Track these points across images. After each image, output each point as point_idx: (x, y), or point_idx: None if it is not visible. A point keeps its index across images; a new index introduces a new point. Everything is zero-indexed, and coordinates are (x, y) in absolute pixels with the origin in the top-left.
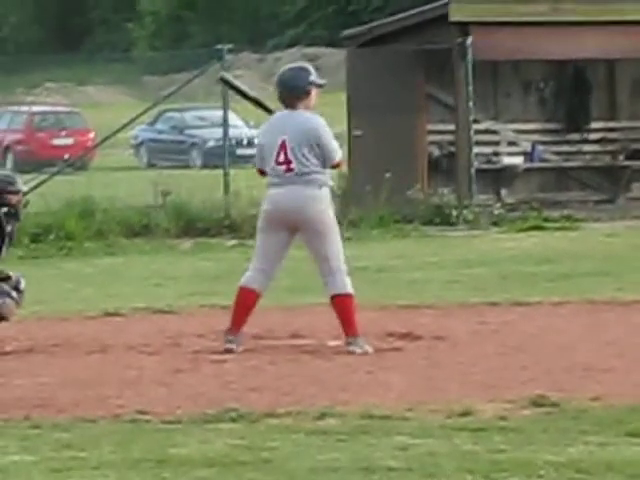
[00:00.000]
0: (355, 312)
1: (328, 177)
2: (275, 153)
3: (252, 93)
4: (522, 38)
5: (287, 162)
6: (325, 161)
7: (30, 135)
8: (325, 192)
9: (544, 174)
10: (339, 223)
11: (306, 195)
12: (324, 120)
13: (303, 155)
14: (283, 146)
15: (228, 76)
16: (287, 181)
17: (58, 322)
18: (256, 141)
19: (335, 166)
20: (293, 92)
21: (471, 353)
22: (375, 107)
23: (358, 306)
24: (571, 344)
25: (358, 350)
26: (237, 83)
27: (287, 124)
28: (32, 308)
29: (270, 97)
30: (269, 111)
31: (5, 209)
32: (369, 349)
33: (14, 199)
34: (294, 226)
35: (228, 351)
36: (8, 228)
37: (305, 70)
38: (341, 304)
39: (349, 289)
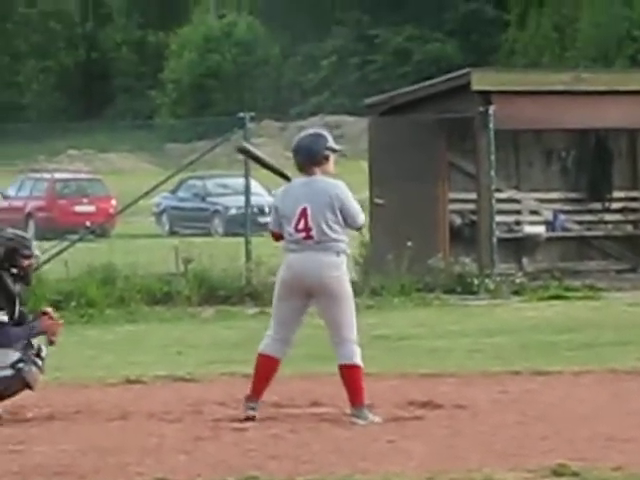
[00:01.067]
0: (362, 383)
1: (346, 245)
2: (295, 220)
3: (271, 161)
4: (544, 107)
5: (307, 230)
6: (348, 224)
7: (52, 202)
8: (342, 260)
9: (566, 243)
10: (361, 291)
11: (323, 261)
12: (344, 184)
13: (325, 222)
14: (304, 214)
15: (247, 146)
16: (305, 247)
17: (79, 389)
18: (272, 204)
19: (359, 228)
20: (311, 158)
21: (492, 422)
22: (397, 175)
23: (379, 374)
24: (592, 414)
25: (361, 422)
26: (257, 152)
27: (308, 192)
28: (53, 374)
29: (293, 166)
30: (288, 179)
31: (15, 270)
32: (375, 419)
33: (25, 262)
34: (310, 292)
35: (250, 418)
36: (16, 288)
37: (322, 136)
38: (348, 374)
39: (357, 360)
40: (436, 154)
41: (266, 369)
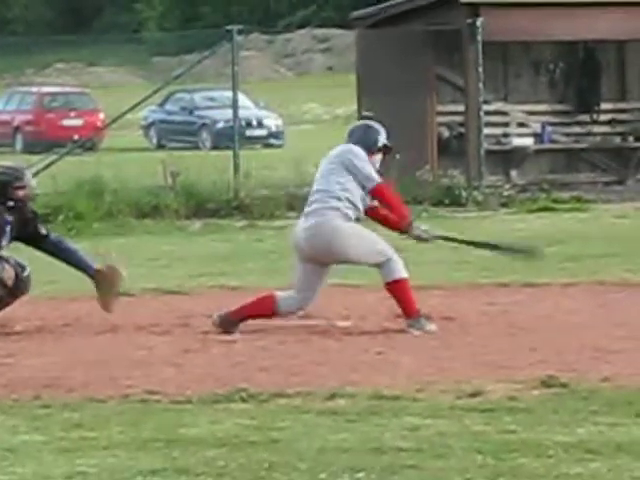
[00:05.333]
0: (409, 294)
1: (350, 210)
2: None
3: None
4: (532, 19)
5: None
6: (362, 187)
7: (40, 116)
8: (341, 220)
9: (554, 155)
10: None
11: (320, 232)
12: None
13: (333, 180)
14: (320, 171)
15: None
16: (308, 210)
17: (68, 302)
18: None
19: (374, 195)
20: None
21: (480, 334)
22: (385, 88)
23: (367, 286)
24: (581, 325)
25: (416, 332)
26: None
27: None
28: (42, 288)
29: (284, 78)
30: None
31: (11, 203)
32: (432, 327)
33: (20, 193)
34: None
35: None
36: (9, 218)
37: (376, 130)
38: (392, 290)
39: (396, 275)
40: (424, 67)
41: (264, 307)
